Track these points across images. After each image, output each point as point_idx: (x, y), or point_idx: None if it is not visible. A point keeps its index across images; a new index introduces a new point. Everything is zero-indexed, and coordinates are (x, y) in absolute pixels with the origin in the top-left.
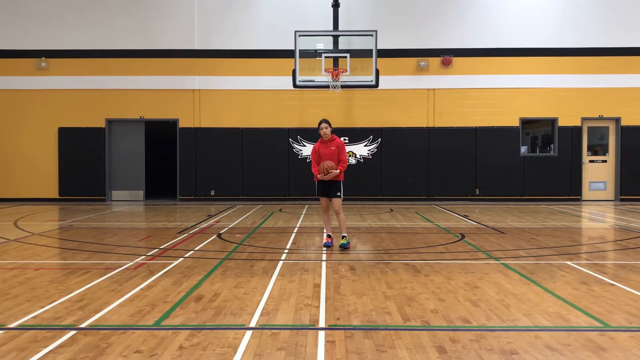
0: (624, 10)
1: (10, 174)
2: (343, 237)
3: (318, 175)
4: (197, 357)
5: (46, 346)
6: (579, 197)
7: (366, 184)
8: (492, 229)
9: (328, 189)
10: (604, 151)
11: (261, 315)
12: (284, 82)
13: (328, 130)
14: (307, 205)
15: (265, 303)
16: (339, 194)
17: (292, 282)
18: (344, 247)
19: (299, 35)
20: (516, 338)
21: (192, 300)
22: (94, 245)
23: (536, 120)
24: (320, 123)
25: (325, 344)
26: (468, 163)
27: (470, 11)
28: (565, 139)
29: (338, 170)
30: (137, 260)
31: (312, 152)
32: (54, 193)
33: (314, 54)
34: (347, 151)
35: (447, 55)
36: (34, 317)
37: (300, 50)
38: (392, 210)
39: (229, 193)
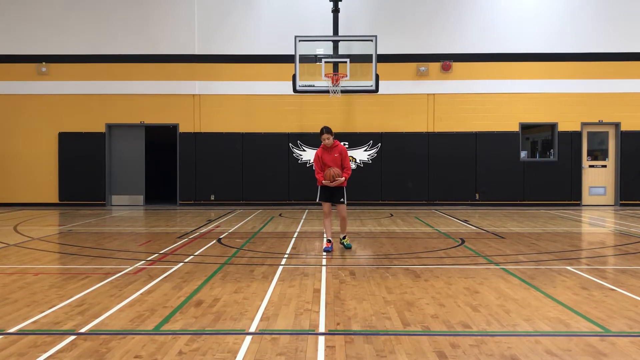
0: (624, 15)
1: (10, 178)
2: (344, 237)
3: (323, 181)
4: None
5: (46, 351)
6: (578, 202)
7: (366, 189)
8: (492, 233)
9: (332, 194)
10: (604, 156)
11: (261, 320)
12: (284, 87)
13: (330, 140)
14: (307, 210)
15: (265, 308)
16: (342, 199)
17: (292, 287)
18: (348, 247)
19: (299, 41)
20: (516, 343)
21: (192, 305)
22: (94, 250)
23: (536, 125)
24: (322, 133)
25: (325, 349)
26: (468, 168)
27: (470, 16)
28: (565, 144)
29: (344, 178)
30: (136, 265)
31: (314, 159)
32: (53, 198)
33: (314, 59)
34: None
35: (446, 61)
36: (34, 322)
37: (300, 55)
38: (392, 215)
39: (228, 198)
